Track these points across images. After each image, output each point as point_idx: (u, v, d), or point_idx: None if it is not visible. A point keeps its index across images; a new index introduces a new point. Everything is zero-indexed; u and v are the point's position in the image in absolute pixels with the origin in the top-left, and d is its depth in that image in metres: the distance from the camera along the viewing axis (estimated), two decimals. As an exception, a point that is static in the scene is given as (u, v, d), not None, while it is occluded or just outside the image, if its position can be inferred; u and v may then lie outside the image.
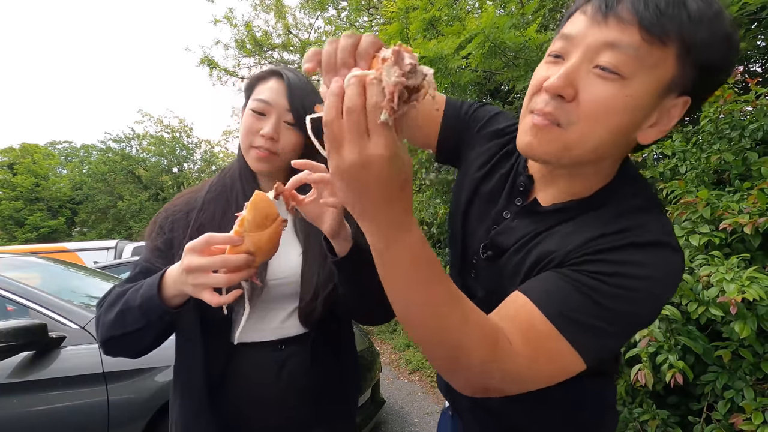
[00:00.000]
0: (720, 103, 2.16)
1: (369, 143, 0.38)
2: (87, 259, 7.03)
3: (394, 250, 0.44)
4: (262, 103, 0.82)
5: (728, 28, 0.50)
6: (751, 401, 1.59)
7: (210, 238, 0.62)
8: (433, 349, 0.50)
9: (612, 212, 0.57)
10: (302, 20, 13.41)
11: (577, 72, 0.51)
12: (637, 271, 0.51)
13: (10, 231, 21.95)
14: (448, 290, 0.47)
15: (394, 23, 4.36)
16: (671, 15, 0.47)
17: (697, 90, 0.52)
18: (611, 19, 0.49)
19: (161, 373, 1.88)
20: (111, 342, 0.74)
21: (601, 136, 0.52)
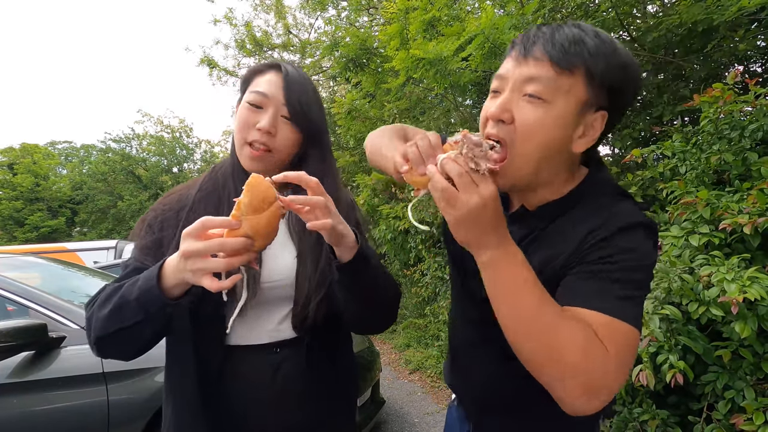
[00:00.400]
0: (720, 103, 2.16)
1: (481, 189, 0.56)
2: (87, 259, 7.03)
3: (507, 264, 0.58)
4: (259, 96, 0.80)
5: (624, 59, 0.64)
6: (752, 401, 1.59)
7: (206, 221, 0.61)
8: (557, 361, 0.55)
9: (589, 210, 0.67)
10: (302, 20, 13.42)
11: (510, 101, 0.64)
12: (630, 247, 0.62)
13: (10, 231, 21.94)
14: (553, 302, 0.58)
15: (394, 23, 4.37)
16: (574, 51, 0.61)
17: (611, 106, 0.65)
18: (530, 59, 0.63)
19: (161, 373, 1.86)
20: (106, 340, 0.69)
21: (536, 153, 0.64)
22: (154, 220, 0.81)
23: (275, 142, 0.80)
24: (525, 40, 0.65)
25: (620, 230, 0.62)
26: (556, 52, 0.61)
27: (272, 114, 0.79)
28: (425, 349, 4.78)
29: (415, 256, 5.78)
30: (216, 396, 0.77)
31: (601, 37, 0.63)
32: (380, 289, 0.78)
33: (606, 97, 0.64)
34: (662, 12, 3.83)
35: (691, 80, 3.69)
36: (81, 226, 23.97)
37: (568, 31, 0.63)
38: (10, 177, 22.91)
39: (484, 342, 0.78)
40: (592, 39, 0.62)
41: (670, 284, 1.80)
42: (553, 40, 0.62)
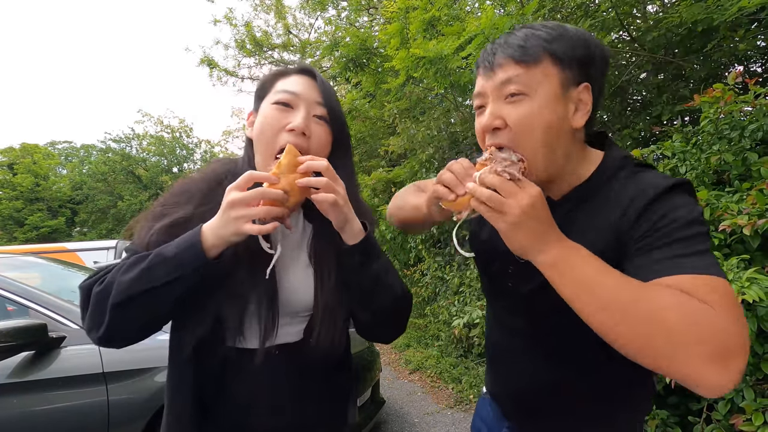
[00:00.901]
0: (720, 104, 2.16)
1: (528, 189, 0.59)
2: (87, 259, 7.03)
3: (576, 257, 0.58)
4: (288, 94, 0.75)
5: (578, 34, 0.68)
6: (751, 402, 1.59)
7: (252, 174, 0.67)
8: (661, 331, 0.51)
9: (616, 190, 0.68)
10: (302, 20, 13.43)
11: (497, 108, 0.67)
12: (674, 206, 0.62)
13: (10, 231, 21.95)
14: (632, 279, 0.56)
15: (394, 23, 4.37)
16: (531, 45, 0.66)
17: (589, 77, 0.68)
18: (496, 69, 0.67)
19: (161, 373, 1.88)
20: (124, 305, 0.65)
21: (540, 141, 0.66)
22: (155, 222, 0.76)
23: (310, 144, 0.75)
24: (485, 56, 0.70)
25: (656, 197, 0.62)
26: (515, 52, 0.66)
27: (305, 112, 0.74)
28: (425, 349, 4.78)
29: (415, 256, 5.79)
30: (215, 397, 0.76)
31: (549, 25, 0.68)
32: (387, 284, 0.77)
33: (580, 71, 0.67)
34: (662, 12, 3.83)
35: (691, 80, 3.69)
36: (81, 226, 23.97)
37: (519, 33, 0.68)
38: (10, 177, 22.91)
39: (525, 348, 0.79)
40: (542, 30, 0.67)
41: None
42: (509, 44, 0.67)
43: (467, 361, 4.09)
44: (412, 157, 5.61)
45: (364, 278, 0.75)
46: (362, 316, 0.80)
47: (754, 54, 3.62)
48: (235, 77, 13.71)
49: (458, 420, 3.13)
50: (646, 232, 0.61)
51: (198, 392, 0.75)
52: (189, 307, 0.72)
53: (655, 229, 0.60)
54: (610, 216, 0.66)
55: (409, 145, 5.46)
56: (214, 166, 0.85)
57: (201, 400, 0.75)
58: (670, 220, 0.60)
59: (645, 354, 0.53)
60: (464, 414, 3.23)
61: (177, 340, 0.79)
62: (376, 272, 0.75)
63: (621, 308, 0.53)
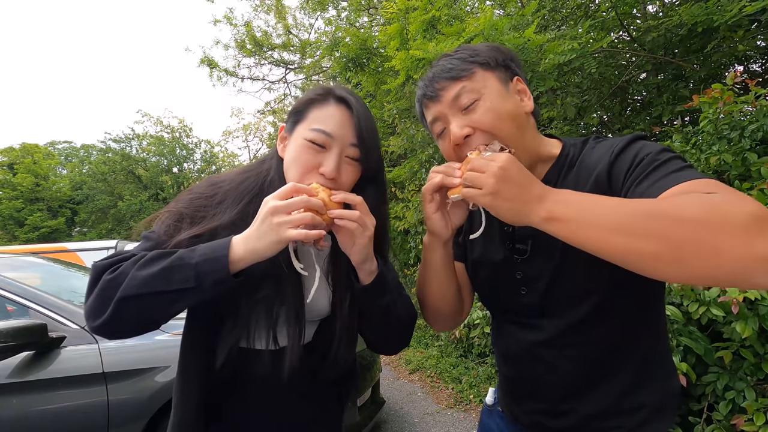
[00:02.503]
0: (719, 104, 2.16)
1: (497, 159, 0.62)
2: (87, 259, 7.03)
3: (567, 198, 0.58)
4: (322, 135, 0.74)
5: (490, 47, 0.78)
6: (752, 402, 1.59)
7: (295, 184, 0.68)
8: (681, 225, 0.47)
9: (589, 155, 0.74)
10: (302, 20, 13.42)
11: (459, 121, 0.74)
12: (641, 147, 0.67)
13: (11, 231, 21.95)
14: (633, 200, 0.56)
15: (394, 24, 4.37)
16: (458, 65, 0.75)
17: (515, 72, 0.78)
18: (440, 93, 0.75)
19: (161, 373, 1.87)
20: (131, 301, 0.62)
21: (510, 128, 0.72)
22: (179, 222, 0.75)
23: (337, 185, 0.75)
24: (424, 91, 0.78)
25: (623, 148, 0.68)
26: (449, 74, 0.74)
27: (336, 157, 0.74)
28: (425, 349, 4.78)
29: (415, 256, 5.79)
30: (221, 395, 0.77)
31: (462, 49, 0.78)
32: (396, 315, 0.80)
33: (506, 70, 0.76)
34: (662, 12, 3.83)
35: (690, 80, 3.69)
36: (81, 226, 23.97)
37: (441, 63, 0.77)
38: (10, 177, 22.91)
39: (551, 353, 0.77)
40: (459, 53, 0.77)
41: (671, 284, 1.80)
42: (439, 75, 0.76)
43: (467, 361, 4.09)
44: (412, 157, 5.61)
45: (374, 310, 0.78)
46: (369, 337, 0.86)
47: (754, 54, 3.63)
48: (235, 77, 13.71)
49: (458, 420, 3.13)
50: (626, 175, 0.65)
51: (207, 394, 0.75)
52: (223, 312, 0.72)
53: (633, 168, 0.64)
54: (589, 178, 0.71)
55: (409, 146, 5.45)
56: (242, 177, 0.82)
57: (209, 402, 0.76)
58: (642, 155, 0.65)
59: (688, 256, 0.47)
60: (464, 414, 3.22)
61: (197, 341, 0.77)
62: (387, 305, 0.78)
63: (641, 224, 0.49)
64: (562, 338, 0.75)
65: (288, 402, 0.79)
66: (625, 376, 0.73)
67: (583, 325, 0.73)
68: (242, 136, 28.27)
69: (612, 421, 0.74)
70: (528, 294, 0.77)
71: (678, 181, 0.56)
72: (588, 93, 4.14)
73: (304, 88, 12.92)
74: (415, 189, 5.98)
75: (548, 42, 3.06)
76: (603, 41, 3.19)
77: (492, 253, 0.82)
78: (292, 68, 13.55)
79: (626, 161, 0.66)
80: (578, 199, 0.58)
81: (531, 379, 0.80)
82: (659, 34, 3.38)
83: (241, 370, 0.76)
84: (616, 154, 0.68)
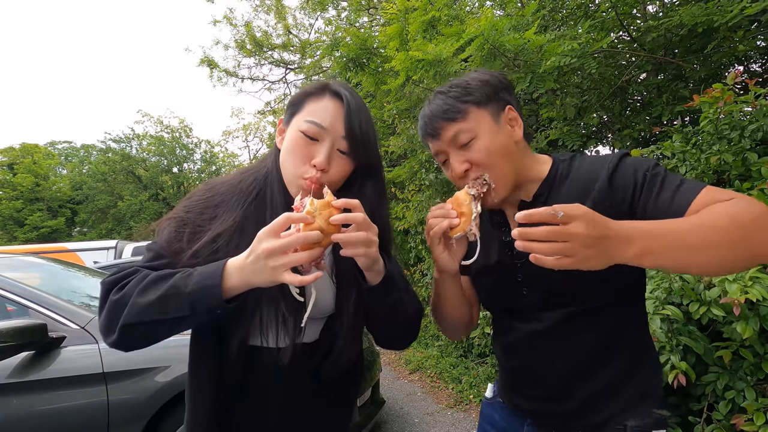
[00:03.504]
0: (720, 104, 2.16)
1: (573, 216, 0.59)
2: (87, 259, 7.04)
3: (660, 234, 0.61)
4: (315, 127, 0.75)
5: (478, 78, 0.84)
6: (752, 402, 1.59)
7: (290, 216, 0.64)
8: (755, 242, 0.61)
9: (578, 171, 0.82)
10: (302, 21, 13.42)
11: (458, 157, 0.82)
12: (633, 169, 0.76)
13: (10, 231, 21.95)
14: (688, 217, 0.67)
15: (394, 24, 4.37)
16: (454, 105, 0.81)
17: (505, 101, 0.84)
18: (440, 132, 0.82)
19: (161, 374, 1.88)
20: (135, 328, 0.65)
21: (502, 162, 0.81)
22: (182, 228, 0.76)
23: (327, 177, 0.77)
24: (425, 129, 0.84)
25: (616, 166, 0.76)
26: (447, 115, 0.81)
27: (328, 149, 0.76)
28: (425, 349, 4.78)
29: (415, 256, 5.79)
30: (234, 395, 0.77)
31: (454, 84, 0.83)
32: (403, 311, 0.81)
33: (497, 101, 0.83)
34: (662, 13, 3.83)
35: (691, 81, 3.69)
36: (81, 226, 23.98)
37: (437, 102, 0.83)
38: (10, 177, 22.91)
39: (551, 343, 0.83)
40: (452, 91, 0.82)
41: (671, 284, 1.80)
42: (437, 114, 0.82)
43: (467, 361, 4.09)
44: (412, 157, 5.61)
45: (382, 308, 0.78)
46: (378, 334, 0.86)
47: (754, 54, 3.63)
48: (235, 77, 13.71)
49: (458, 420, 3.13)
50: (634, 194, 0.73)
51: (219, 404, 0.76)
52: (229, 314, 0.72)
53: (640, 187, 0.73)
54: (587, 191, 0.78)
55: (409, 146, 5.45)
56: (241, 177, 0.84)
57: (221, 413, 0.76)
58: (642, 173, 0.74)
59: (757, 252, 0.62)
60: (464, 414, 3.22)
61: (206, 340, 0.77)
62: (394, 302, 0.78)
63: (717, 237, 0.60)
64: (560, 328, 0.81)
65: (295, 402, 0.80)
66: (619, 361, 0.80)
67: (579, 315, 0.79)
68: (242, 137, 28.24)
69: (604, 403, 0.80)
70: (529, 294, 0.84)
71: (693, 195, 0.68)
72: (588, 93, 4.14)
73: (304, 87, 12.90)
74: (415, 189, 5.98)
75: (548, 43, 3.06)
76: (603, 42, 3.19)
77: (493, 261, 0.88)
78: (292, 68, 13.55)
79: (628, 180, 0.75)
80: (657, 229, 0.61)
81: (530, 368, 0.86)
82: (659, 34, 3.38)
83: (249, 371, 0.76)
84: (611, 171, 0.76)
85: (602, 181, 0.76)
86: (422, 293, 5.38)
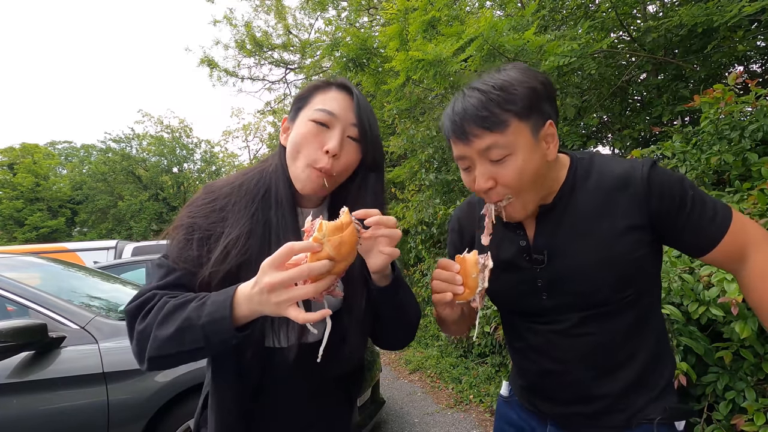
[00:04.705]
0: (720, 104, 2.16)
1: None
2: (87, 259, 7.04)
3: None
4: (326, 114, 0.76)
5: (522, 80, 0.73)
6: (752, 402, 1.59)
7: (292, 247, 0.59)
8: None
9: (599, 183, 0.79)
10: (302, 21, 13.43)
11: (485, 171, 0.74)
12: (665, 183, 0.76)
13: (10, 231, 21.95)
14: None
15: (394, 24, 4.37)
16: (494, 112, 0.71)
17: (546, 113, 0.75)
18: (471, 137, 0.73)
19: (161, 373, 1.87)
20: (161, 360, 0.67)
21: (530, 185, 0.75)
22: (191, 234, 0.76)
23: (338, 164, 0.76)
24: (453, 127, 0.75)
25: (649, 175, 0.75)
26: (484, 122, 0.71)
27: (339, 134, 0.76)
28: (425, 349, 4.78)
29: (415, 256, 5.79)
30: (257, 397, 0.78)
31: (496, 84, 0.72)
32: (405, 312, 0.81)
33: (539, 114, 0.74)
34: (662, 13, 3.83)
35: (691, 81, 3.69)
36: (81, 226, 23.98)
37: (473, 99, 0.73)
38: (10, 177, 22.91)
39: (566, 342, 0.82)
40: (493, 93, 0.72)
41: (671, 284, 1.80)
42: (472, 114, 0.72)
43: (467, 361, 4.09)
44: (412, 157, 5.61)
45: (387, 309, 0.79)
46: (380, 335, 0.86)
47: (754, 54, 3.63)
48: (235, 77, 13.72)
49: (458, 420, 3.13)
50: (678, 213, 0.74)
51: (243, 393, 0.77)
52: None
53: (679, 209, 0.74)
54: (618, 191, 0.76)
55: (409, 146, 5.45)
56: (243, 179, 0.83)
57: (245, 401, 0.77)
58: (678, 196, 0.74)
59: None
60: (464, 414, 3.22)
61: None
62: (400, 303, 0.79)
63: None
64: (581, 329, 0.80)
65: (300, 402, 0.81)
66: (642, 357, 0.79)
67: (602, 316, 0.78)
68: (242, 137, 28.27)
69: (631, 399, 0.79)
70: (549, 298, 0.82)
71: (726, 225, 0.75)
72: (588, 93, 4.15)
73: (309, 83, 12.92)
74: (415, 189, 5.98)
75: (548, 43, 3.06)
76: (603, 42, 3.20)
77: (512, 268, 0.86)
78: (292, 68, 13.55)
79: (666, 196, 0.75)
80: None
81: (552, 371, 0.84)
82: (659, 34, 3.38)
83: (266, 371, 0.78)
84: (646, 179, 0.75)
85: (641, 187, 0.75)
86: (422, 293, 5.38)
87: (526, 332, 0.87)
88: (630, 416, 0.79)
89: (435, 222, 4.93)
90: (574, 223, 0.79)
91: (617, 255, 0.75)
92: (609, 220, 0.76)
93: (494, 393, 3.28)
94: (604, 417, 0.80)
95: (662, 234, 0.77)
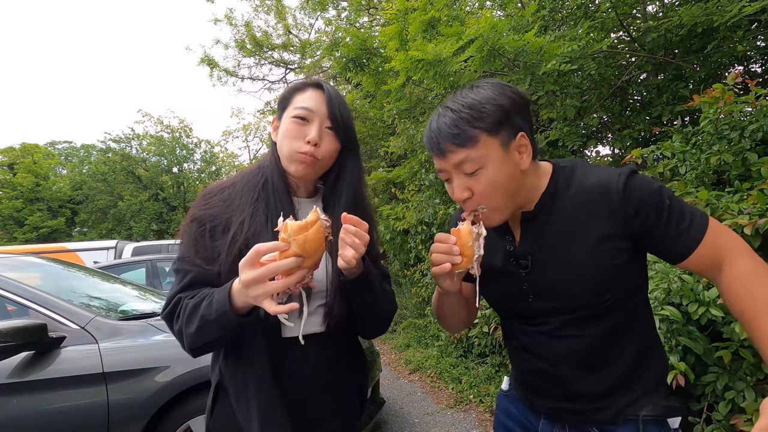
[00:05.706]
0: (720, 104, 2.16)
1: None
2: (87, 259, 7.05)
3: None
4: (304, 110, 0.89)
5: (491, 98, 0.78)
6: (752, 402, 1.59)
7: (259, 249, 0.69)
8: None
9: (580, 190, 0.82)
10: (302, 21, 13.43)
11: (461, 183, 0.80)
12: (642, 193, 0.78)
13: (10, 231, 21.95)
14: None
15: (394, 24, 4.37)
16: (464, 129, 0.77)
17: (518, 126, 0.80)
18: (446, 153, 0.79)
19: (161, 373, 1.88)
20: (200, 349, 0.81)
21: (503, 195, 0.80)
22: (202, 226, 0.86)
23: (320, 151, 0.89)
24: (431, 144, 0.82)
25: (625, 185, 0.77)
26: (455, 139, 0.77)
27: (318, 126, 0.89)
28: (425, 349, 4.78)
29: (414, 256, 5.79)
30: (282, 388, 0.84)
31: (466, 103, 0.78)
32: (376, 308, 0.89)
33: (508, 128, 0.78)
34: (662, 13, 3.83)
35: (691, 81, 3.69)
36: (81, 226, 23.98)
37: (446, 118, 0.79)
38: (10, 177, 22.91)
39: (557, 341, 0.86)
40: (463, 111, 0.77)
41: (670, 285, 1.80)
42: (445, 133, 0.78)
43: (467, 361, 4.09)
44: (412, 157, 5.61)
45: (355, 303, 0.87)
46: (351, 320, 0.92)
47: (754, 54, 3.63)
48: (235, 77, 13.72)
49: (458, 420, 3.13)
50: (656, 223, 0.76)
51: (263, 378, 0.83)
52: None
53: (657, 218, 0.76)
54: (591, 209, 0.79)
55: (409, 146, 5.45)
56: (240, 177, 0.95)
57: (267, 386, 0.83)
58: (654, 206, 0.76)
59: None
60: (464, 414, 3.22)
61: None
62: (371, 301, 0.87)
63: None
64: (568, 330, 0.83)
65: (310, 394, 0.87)
66: (628, 356, 0.82)
67: (589, 317, 0.81)
68: (242, 137, 28.27)
69: (615, 397, 0.82)
70: (535, 301, 0.86)
71: (702, 232, 0.76)
72: (588, 93, 4.14)
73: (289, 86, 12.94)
74: (415, 189, 5.98)
75: (548, 44, 3.06)
76: (603, 43, 3.20)
77: (498, 270, 0.90)
78: (292, 68, 13.55)
79: (642, 206, 0.76)
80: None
81: (541, 369, 0.88)
82: (659, 34, 3.38)
83: (288, 357, 0.85)
84: (622, 190, 0.77)
85: (616, 200, 0.78)
86: (422, 293, 5.38)
87: (519, 333, 0.92)
88: (616, 413, 0.82)
89: (435, 222, 4.93)
90: (555, 231, 0.82)
91: (597, 262, 0.78)
92: (588, 228, 0.79)
93: (494, 393, 3.28)
94: (591, 413, 0.84)
95: (639, 242, 0.79)
